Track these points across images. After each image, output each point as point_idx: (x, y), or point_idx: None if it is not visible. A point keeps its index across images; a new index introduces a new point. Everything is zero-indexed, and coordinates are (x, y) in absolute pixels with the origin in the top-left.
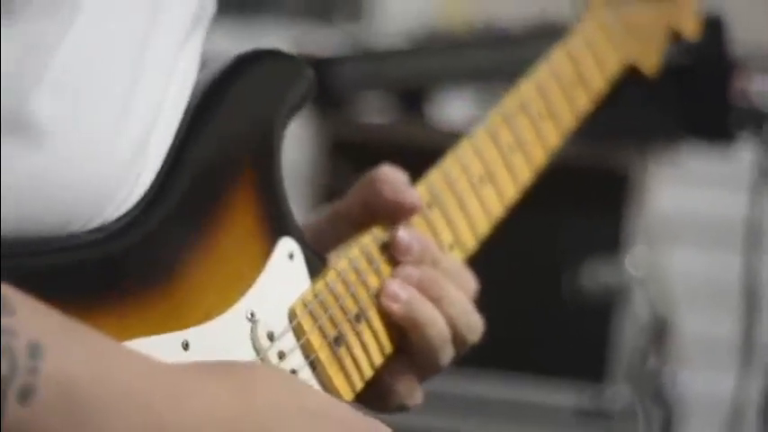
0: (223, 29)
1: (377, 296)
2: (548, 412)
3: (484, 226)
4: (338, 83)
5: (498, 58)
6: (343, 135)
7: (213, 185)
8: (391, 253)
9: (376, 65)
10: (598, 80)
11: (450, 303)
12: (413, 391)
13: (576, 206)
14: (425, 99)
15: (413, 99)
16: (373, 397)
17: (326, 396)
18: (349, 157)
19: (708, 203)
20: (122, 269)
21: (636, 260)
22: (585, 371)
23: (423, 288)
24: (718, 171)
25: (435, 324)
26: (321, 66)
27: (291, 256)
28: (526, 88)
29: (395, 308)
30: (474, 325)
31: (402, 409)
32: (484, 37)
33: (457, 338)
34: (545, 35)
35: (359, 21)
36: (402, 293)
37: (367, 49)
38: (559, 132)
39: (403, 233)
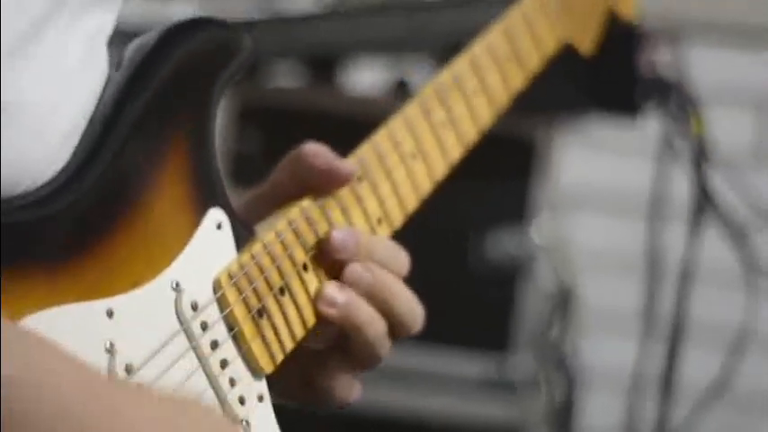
0: None
1: (302, 270)
2: (451, 382)
3: (412, 202)
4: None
5: (411, 27)
6: (252, 100)
7: (146, 153)
8: (317, 227)
9: (287, 30)
10: (534, 58)
11: (399, 302)
12: (352, 387)
13: (481, 174)
14: (336, 65)
15: (323, 65)
16: (315, 398)
17: None
18: (258, 122)
19: (613, 173)
20: (49, 234)
21: (541, 229)
22: (489, 340)
23: (372, 293)
24: (624, 140)
25: (373, 323)
26: None
27: (219, 227)
28: (460, 64)
29: (332, 312)
30: (418, 314)
31: (344, 405)
32: (397, 4)
33: (402, 329)
34: (459, 4)
35: None
36: (339, 297)
37: (277, 14)
38: (492, 110)
39: (337, 233)
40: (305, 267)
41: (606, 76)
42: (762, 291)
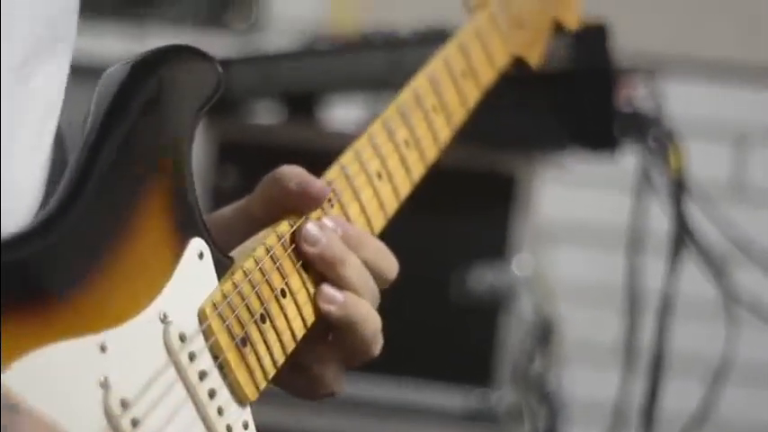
0: (115, 31)
1: (281, 295)
2: (435, 415)
3: (380, 222)
4: (228, 85)
5: (388, 64)
6: (231, 136)
7: (126, 188)
8: (294, 251)
9: (265, 68)
10: (487, 72)
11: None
12: (340, 379)
13: (463, 209)
14: (315, 102)
15: (302, 102)
16: (303, 385)
17: None
18: (237, 158)
19: (592, 207)
20: (37, 273)
21: (522, 263)
22: (472, 373)
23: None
24: (603, 175)
25: (369, 320)
26: None
27: (201, 256)
28: (420, 81)
29: (332, 309)
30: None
31: (330, 395)
32: (374, 42)
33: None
34: (435, 40)
35: (252, 26)
36: (338, 295)
37: (257, 51)
38: (450, 127)
39: (311, 225)
40: (282, 293)
41: (584, 112)
42: (741, 322)
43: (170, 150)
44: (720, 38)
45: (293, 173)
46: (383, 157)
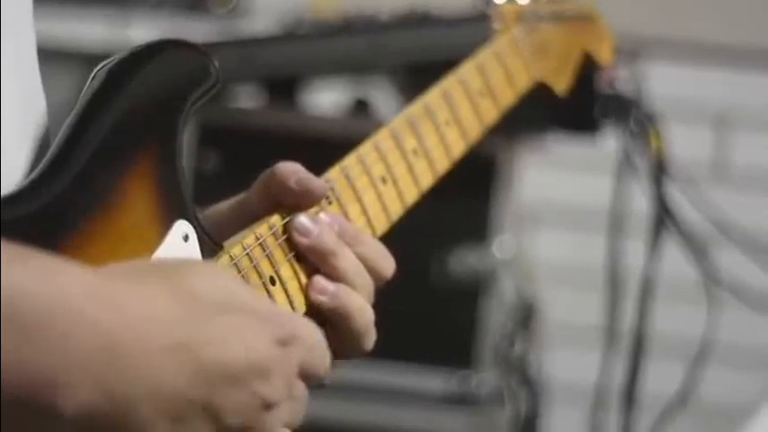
0: (96, 16)
1: (269, 283)
2: (416, 398)
3: (383, 225)
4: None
5: (370, 47)
6: (212, 121)
7: (111, 166)
8: (286, 241)
9: (247, 52)
10: (507, 94)
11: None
12: (333, 370)
13: (443, 191)
14: (297, 86)
15: (284, 86)
16: None
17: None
18: (217, 142)
19: (573, 189)
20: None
21: (503, 245)
22: (453, 356)
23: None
24: (584, 157)
25: (363, 312)
26: None
27: (186, 238)
28: (431, 96)
29: (323, 300)
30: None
31: (319, 387)
32: (355, 25)
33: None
34: (418, 24)
35: (233, 11)
36: (329, 286)
37: (238, 36)
38: (465, 141)
39: (303, 218)
40: (272, 281)
41: (566, 97)
42: (722, 304)
43: (159, 139)
44: (702, 20)
45: (292, 170)
46: (389, 162)
